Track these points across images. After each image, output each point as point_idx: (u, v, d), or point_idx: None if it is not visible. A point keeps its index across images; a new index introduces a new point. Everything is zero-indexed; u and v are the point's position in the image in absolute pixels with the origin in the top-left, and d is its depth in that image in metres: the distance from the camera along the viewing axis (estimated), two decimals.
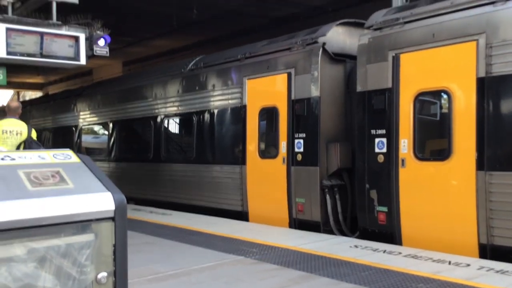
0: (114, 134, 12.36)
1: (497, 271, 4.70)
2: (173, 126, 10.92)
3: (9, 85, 20.57)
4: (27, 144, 7.53)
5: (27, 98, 29.85)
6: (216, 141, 9.41)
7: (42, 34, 8.34)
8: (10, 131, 7.75)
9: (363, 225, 6.78)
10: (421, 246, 5.88)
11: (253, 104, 8.47)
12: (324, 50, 7.54)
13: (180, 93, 10.23)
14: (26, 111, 17.89)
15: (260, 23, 15.45)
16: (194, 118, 9.81)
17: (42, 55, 8.43)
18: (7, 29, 8.06)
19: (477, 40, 5.63)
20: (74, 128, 14.17)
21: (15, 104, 8.13)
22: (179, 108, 10.27)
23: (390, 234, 6.38)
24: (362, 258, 5.36)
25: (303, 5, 13.96)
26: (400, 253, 5.53)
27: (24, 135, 7.60)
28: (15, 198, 1.55)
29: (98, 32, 8.86)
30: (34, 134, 7.82)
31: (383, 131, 6.52)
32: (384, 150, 6.49)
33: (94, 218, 1.68)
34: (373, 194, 6.62)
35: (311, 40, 7.77)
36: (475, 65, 5.61)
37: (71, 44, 8.62)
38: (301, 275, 4.80)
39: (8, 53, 8.10)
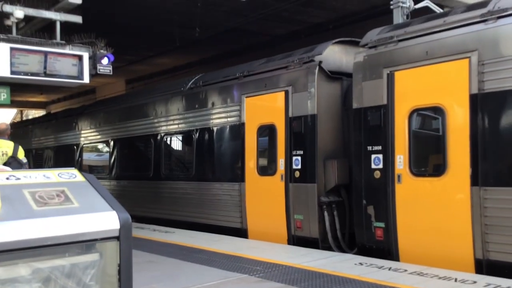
0: (115, 152, 12.47)
1: None
2: (173, 144, 10.99)
3: (12, 104, 20.63)
4: (8, 163, 7.55)
5: (30, 117, 29.97)
6: (215, 159, 9.49)
7: (46, 53, 8.41)
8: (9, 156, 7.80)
9: (361, 241, 6.82)
10: (418, 262, 5.89)
11: (252, 122, 8.60)
12: (321, 68, 7.68)
13: (180, 111, 10.37)
14: (28, 130, 18.10)
15: (261, 41, 15.56)
16: (193, 136, 9.92)
17: (46, 74, 8.50)
18: (11, 49, 8.14)
19: (469, 57, 5.74)
20: (75, 147, 14.27)
21: (3, 126, 8.22)
22: (179, 126, 10.38)
23: (387, 250, 6.41)
24: (366, 276, 5.31)
25: (304, 22, 14.06)
26: (405, 270, 5.48)
27: (10, 154, 7.65)
28: (20, 218, 1.55)
29: (102, 51, 8.94)
30: (20, 153, 7.82)
31: (379, 147, 6.61)
32: (381, 166, 6.56)
33: (99, 238, 1.67)
34: (370, 210, 6.67)
35: (308, 58, 7.91)
36: (468, 82, 5.72)
37: (74, 63, 8.69)
38: None
39: (12, 72, 8.17)
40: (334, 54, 8.11)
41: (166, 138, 10.83)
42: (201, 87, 10.05)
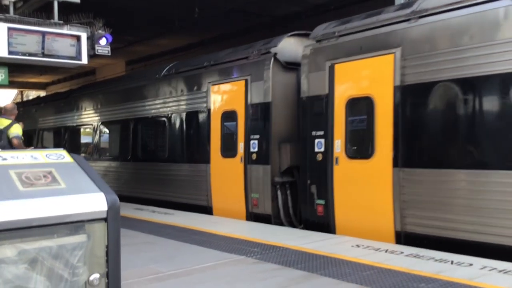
0: (98, 135, 13.29)
1: (500, 271, 4.66)
2: (150, 128, 11.58)
3: (12, 84, 20.63)
4: None
5: (30, 98, 29.91)
6: (185, 142, 10.21)
7: (43, 34, 8.33)
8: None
9: (306, 216, 7.59)
10: (351, 234, 6.66)
11: (216, 108, 9.25)
12: (276, 59, 8.27)
13: (156, 97, 11.02)
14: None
15: (262, 22, 15.41)
16: (167, 121, 10.59)
17: (43, 55, 8.43)
18: (9, 29, 8.05)
19: (394, 53, 6.39)
20: (63, 130, 14.98)
21: (10, 105, 8.62)
22: (155, 111, 11.03)
23: (327, 224, 7.16)
24: (363, 258, 5.33)
25: (305, 3, 13.90)
26: (402, 252, 5.50)
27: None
28: (5, 199, 1.53)
29: (100, 31, 8.85)
30: (14, 129, 7.96)
31: (322, 133, 7.30)
32: (322, 149, 7.27)
33: (87, 219, 1.65)
34: (313, 189, 7.37)
35: (265, 50, 8.53)
36: (392, 75, 6.37)
37: (72, 44, 8.61)
38: (302, 275, 4.77)
39: (10, 52, 8.10)
40: (290, 46, 8.59)
41: (143, 122, 11.49)
42: (174, 75, 10.70)
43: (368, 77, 6.78)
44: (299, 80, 8.06)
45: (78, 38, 8.68)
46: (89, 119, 13.58)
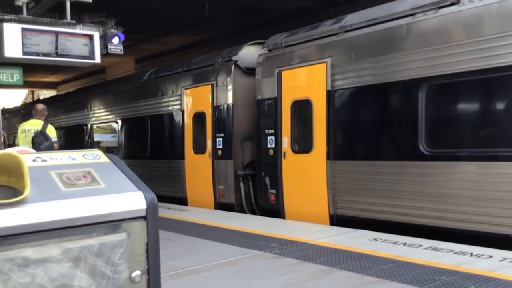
0: (91, 134, 14.50)
1: None
2: (134, 128, 12.66)
3: (24, 84, 20.77)
4: (35, 136, 7.95)
5: (41, 97, 30.13)
6: (164, 140, 11.30)
7: (57, 34, 8.40)
8: (28, 130, 8.16)
9: (261, 204, 8.72)
10: (297, 219, 7.79)
11: (189, 110, 10.38)
12: (237, 66, 9.37)
13: (138, 100, 12.20)
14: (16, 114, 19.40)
15: (271, 18, 15.40)
16: (148, 121, 11.75)
17: (57, 55, 8.50)
18: (23, 29, 8.13)
19: (326, 62, 7.48)
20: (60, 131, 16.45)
21: (40, 106, 8.81)
22: (137, 112, 12.20)
23: (278, 211, 8.25)
24: (382, 251, 5.34)
25: None
26: (420, 245, 5.50)
27: (39, 129, 7.96)
28: (49, 200, 1.57)
29: (112, 30, 8.91)
30: (50, 131, 8.12)
31: (272, 131, 8.39)
32: (273, 145, 8.35)
33: (127, 218, 1.69)
34: (267, 180, 8.47)
35: (227, 58, 9.61)
36: (325, 81, 7.46)
37: (85, 43, 8.68)
38: (321, 269, 4.80)
39: (24, 53, 8.18)
40: (250, 54, 9.52)
41: (129, 123, 12.65)
42: (153, 79, 11.92)
43: (307, 83, 7.89)
44: None
45: (91, 37, 8.74)
46: (83, 120, 14.94)
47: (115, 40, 8.86)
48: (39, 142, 8.13)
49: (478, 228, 5.65)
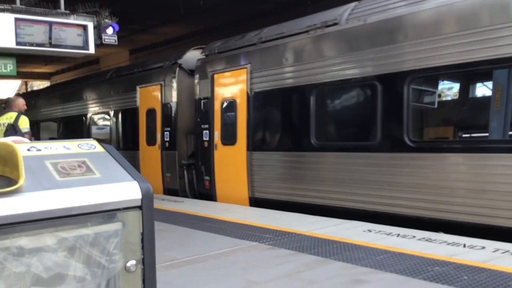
0: (61, 127, 15.90)
1: None
2: (98, 122, 13.97)
3: (17, 75, 20.62)
4: (6, 131, 7.83)
5: (35, 88, 29.93)
6: (123, 133, 12.71)
7: (50, 24, 8.35)
8: (3, 124, 7.98)
9: (199, 190, 10.09)
10: (226, 201, 9.04)
11: (143, 106, 11.64)
12: (181, 68, 10.60)
13: (102, 96, 13.51)
14: None
15: (267, 9, 15.33)
16: (111, 116, 13.08)
17: (51, 45, 8.46)
18: (16, 19, 8.07)
19: (247, 68, 8.75)
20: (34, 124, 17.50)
21: (14, 99, 8.68)
22: (101, 108, 13.52)
23: (211, 195, 9.57)
24: (376, 242, 5.38)
25: None
26: (414, 236, 5.54)
27: (11, 123, 7.82)
28: (45, 189, 1.56)
29: (106, 20, 8.86)
30: (22, 122, 7.95)
31: (207, 126, 9.65)
32: (207, 138, 9.62)
33: (122, 207, 1.68)
34: (203, 168, 9.78)
35: (173, 61, 10.89)
36: (246, 84, 8.74)
37: (79, 33, 8.64)
38: (316, 260, 4.83)
39: (18, 43, 8.13)
40: (193, 57, 10.56)
41: (94, 117, 14.00)
42: (115, 78, 13.18)
43: (233, 85, 9.13)
44: None
45: (84, 27, 8.70)
46: (54, 114, 16.25)
47: (109, 30, 8.83)
48: (8, 135, 7.98)
49: (343, 204, 7.25)
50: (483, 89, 6.84)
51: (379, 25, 6.85)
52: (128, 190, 1.69)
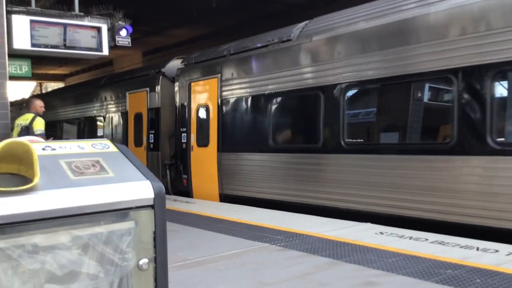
0: (60, 130, 16.82)
1: None
2: (93, 124, 14.96)
3: (32, 76, 20.90)
4: (20, 133, 7.88)
5: (49, 90, 30.26)
6: (115, 135, 13.50)
7: (65, 26, 8.44)
8: (19, 124, 8.07)
9: (178, 187, 10.94)
10: (201, 197, 10.02)
11: (131, 110, 12.70)
12: (164, 76, 11.68)
13: (97, 101, 14.54)
14: None
15: (278, 10, 15.35)
16: (105, 119, 14.10)
17: (65, 47, 8.54)
18: (31, 21, 8.17)
19: (218, 77, 9.80)
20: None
21: (32, 100, 8.79)
22: (97, 111, 14.57)
23: (188, 192, 10.51)
24: (387, 245, 5.35)
25: None
26: (426, 239, 5.50)
27: (26, 125, 7.90)
28: (59, 187, 1.59)
29: (120, 22, 8.93)
30: (36, 124, 8.01)
31: (185, 129, 10.66)
32: (185, 140, 10.60)
33: (134, 206, 1.71)
34: (181, 167, 10.67)
35: (158, 69, 12.02)
36: (217, 91, 9.78)
37: (93, 35, 8.71)
38: (327, 262, 4.82)
39: (33, 45, 8.22)
40: (175, 66, 11.50)
41: (90, 120, 15.05)
42: (108, 84, 14.49)
43: (207, 92, 10.13)
44: None
45: (98, 29, 8.77)
46: (56, 117, 17.07)
47: (123, 32, 8.89)
48: (22, 137, 8.03)
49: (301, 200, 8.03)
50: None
51: (321, 43, 7.94)
52: (140, 190, 1.71)
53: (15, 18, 7.94)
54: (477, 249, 5.01)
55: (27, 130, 8.00)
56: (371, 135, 7.74)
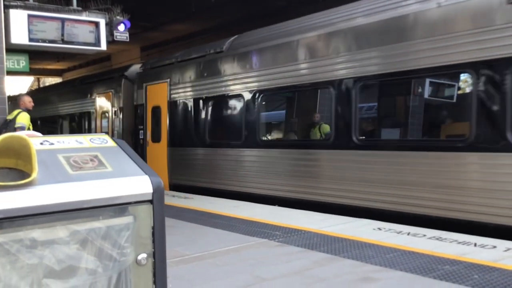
0: (39, 126, 17.48)
1: None
2: (67, 122, 16.68)
3: (29, 71, 20.85)
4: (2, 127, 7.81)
5: (47, 84, 30.18)
6: (83, 131, 14.88)
7: (63, 20, 8.41)
8: (5, 120, 7.99)
9: None
10: None
11: (99, 110, 14.22)
12: (126, 79, 12.99)
13: (71, 101, 16.19)
14: None
15: (278, 6, 15.30)
16: (76, 117, 15.81)
17: (63, 41, 8.52)
18: (29, 16, 8.14)
19: (167, 81, 11.29)
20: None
21: (19, 96, 8.71)
22: (70, 110, 16.14)
23: None
24: (385, 241, 5.36)
25: None
26: (424, 235, 5.51)
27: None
28: (57, 182, 1.58)
29: (118, 17, 8.90)
30: (19, 118, 7.94)
31: (142, 127, 12.11)
32: (142, 137, 12.07)
33: (133, 201, 1.70)
34: None
35: (121, 73, 13.44)
36: (167, 94, 11.26)
37: (91, 30, 8.69)
38: (325, 257, 4.82)
39: (30, 39, 8.19)
40: (137, 70, 12.90)
41: (63, 118, 16.76)
42: (80, 85, 16.12)
43: (159, 95, 11.51)
44: None
45: (96, 24, 8.75)
46: (44, 114, 17.95)
47: (121, 27, 8.86)
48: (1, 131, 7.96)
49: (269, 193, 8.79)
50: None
51: (244, 56, 9.40)
52: (139, 184, 1.70)
53: (12, 12, 7.91)
54: (475, 245, 5.03)
55: (8, 124, 7.89)
56: (281, 132, 10.04)
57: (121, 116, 12.98)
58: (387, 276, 4.17)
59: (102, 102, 14.00)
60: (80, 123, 15.46)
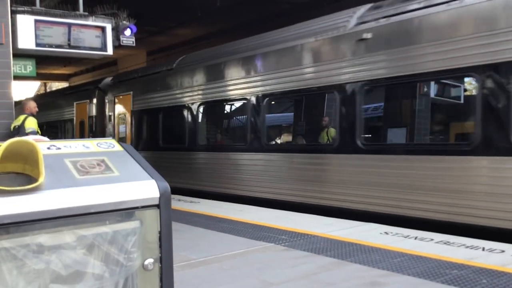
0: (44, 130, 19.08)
1: None
2: (54, 128, 17.97)
3: (36, 76, 20.99)
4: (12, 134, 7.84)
5: (53, 89, 30.34)
6: (65, 136, 16.41)
7: (69, 25, 8.44)
8: (14, 127, 8.00)
9: None
10: None
11: (77, 118, 16.13)
12: (100, 91, 14.90)
13: (58, 108, 17.92)
14: None
15: (282, 9, 15.32)
16: (62, 124, 17.58)
17: (70, 46, 8.55)
18: (36, 21, 8.18)
19: (131, 93, 13.08)
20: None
21: (24, 101, 8.70)
22: (57, 116, 17.84)
23: None
24: (392, 245, 5.32)
25: None
26: (432, 239, 5.48)
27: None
28: (64, 187, 1.58)
29: (124, 22, 8.93)
30: (27, 123, 7.97)
31: (112, 133, 13.86)
32: None
33: (140, 206, 1.69)
34: None
35: (96, 85, 15.43)
36: (130, 104, 13.05)
37: (98, 35, 8.72)
38: (332, 262, 4.80)
39: (37, 44, 8.23)
40: (109, 82, 14.89)
41: (48, 125, 17.87)
42: (64, 94, 18.37)
43: (124, 105, 13.34)
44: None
45: (103, 29, 8.78)
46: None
47: (127, 32, 8.89)
48: (13, 137, 7.95)
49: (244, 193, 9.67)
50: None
51: (189, 72, 11.25)
52: (146, 189, 1.70)
53: (19, 17, 7.95)
54: (483, 249, 4.98)
55: (18, 130, 7.93)
56: (242, 137, 10.80)
57: (94, 123, 14.90)
58: (395, 281, 4.14)
59: (79, 111, 15.97)
60: (62, 130, 17.37)
